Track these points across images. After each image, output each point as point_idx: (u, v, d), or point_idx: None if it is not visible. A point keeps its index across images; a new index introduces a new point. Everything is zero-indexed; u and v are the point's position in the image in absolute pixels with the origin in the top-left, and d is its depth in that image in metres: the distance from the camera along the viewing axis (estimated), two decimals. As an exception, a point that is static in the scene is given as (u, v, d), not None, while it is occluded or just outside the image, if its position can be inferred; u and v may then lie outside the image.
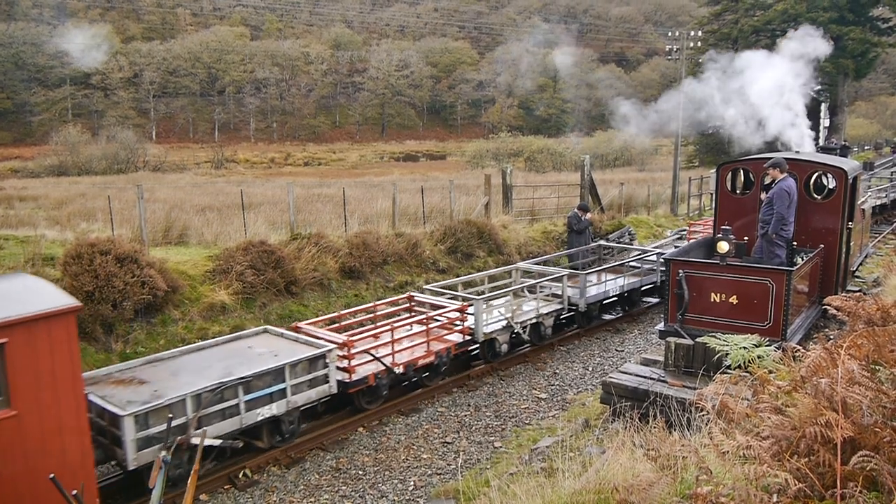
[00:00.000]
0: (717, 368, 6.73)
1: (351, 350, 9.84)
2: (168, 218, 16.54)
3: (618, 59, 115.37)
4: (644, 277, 15.36)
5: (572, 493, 4.28)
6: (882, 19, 47.50)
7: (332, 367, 9.36)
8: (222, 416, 8.17)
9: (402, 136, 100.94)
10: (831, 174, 11.25)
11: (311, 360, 9.13)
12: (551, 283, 13.62)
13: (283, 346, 9.73)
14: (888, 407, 3.24)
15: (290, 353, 9.26)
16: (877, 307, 5.08)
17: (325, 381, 9.33)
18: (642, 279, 15.27)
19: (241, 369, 8.67)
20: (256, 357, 9.29)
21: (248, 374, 8.40)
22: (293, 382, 8.89)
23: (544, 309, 13.12)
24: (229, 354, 9.43)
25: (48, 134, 69.46)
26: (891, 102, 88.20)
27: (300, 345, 9.77)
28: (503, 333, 12.19)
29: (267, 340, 10.04)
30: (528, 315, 12.77)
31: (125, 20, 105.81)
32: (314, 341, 9.80)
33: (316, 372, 9.19)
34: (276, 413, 8.77)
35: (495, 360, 12.21)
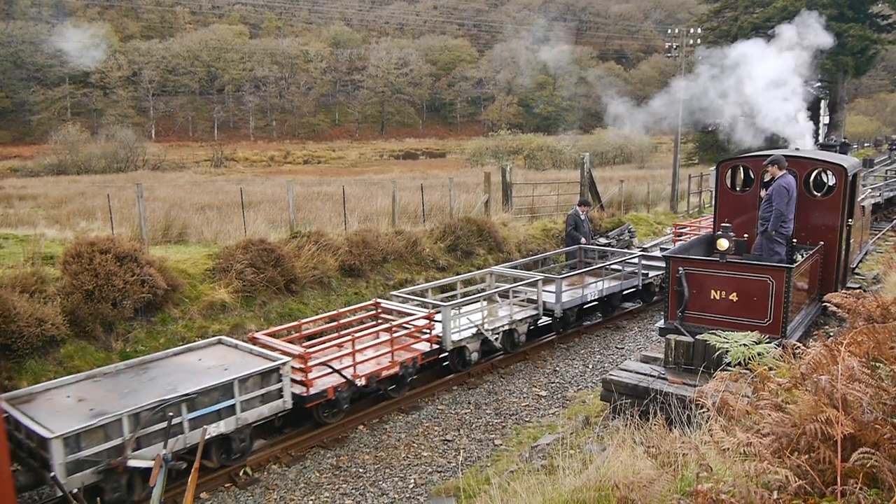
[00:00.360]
0: (718, 366, 6.74)
1: (308, 362, 9.33)
2: (168, 216, 16.54)
3: (617, 56, 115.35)
4: (625, 281, 14.80)
5: (573, 491, 4.29)
6: (882, 16, 47.45)
7: (287, 380, 8.86)
8: (164, 435, 7.59)
9: (401, 134, 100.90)
10: (831, 171, 11.25)
11: (263, 374, 8.61)
12: (526, 287, 13.11)
13: (235, 359, 9.22)
14: (888, 404, 3.24)
15: (242, 367, 8.77)
16: (877, 304, 5.08)
17: (279, 395, 8.80)
18: (622, 283, 14.72)
19: (186, 385, 8.16)
20: (205, 371, 8.77)
21: (192, 391, 7.86)
22: (243, 398, 8.37)
23: (518, 315, 12.61)
24: (177, 368, 8.92)
25: (47, 133, 69.43)
26: (890, 99, 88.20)
27: (254, 357, 9.26)
28: (473, 341, 11.67)
29: (220, 352, 9.54)
30: (501, 322, 12.28)
31: (124, 18, 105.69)
32: (269, 353, 9.27)
33: (269, 386, 8.68)
34: (225, 431, 8.25)
35: (466, 368, 11.69)
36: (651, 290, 15.61)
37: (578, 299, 13.54)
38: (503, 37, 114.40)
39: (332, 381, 9.53)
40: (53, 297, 10.09)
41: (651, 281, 15.46)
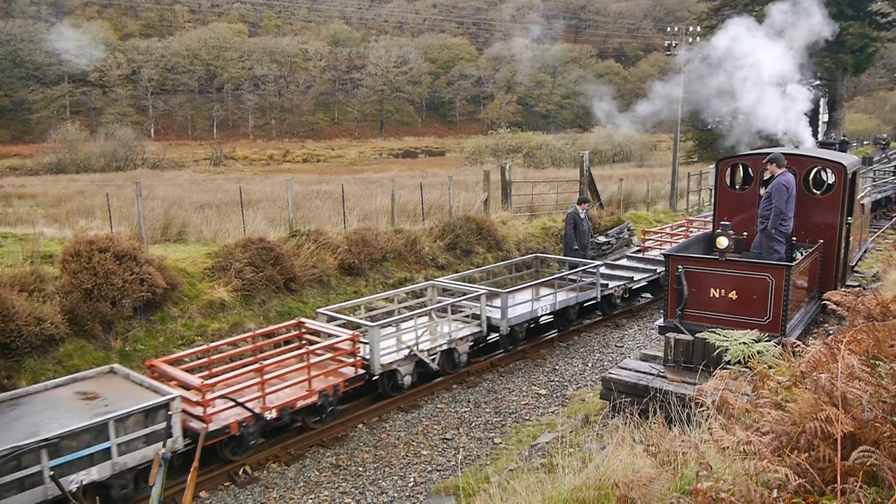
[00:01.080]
0: (717, 364, 6.74)
1: (206, 395, 8.36)
2: (167, 215, 16.53)
3: (616, 54, 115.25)
4: (581, 293, 13.82)
5: (572, 489, 4.28)
6: (881, 14, 47.42)
7: (177, 417, 7.86)
8: (20, 486, 6.56)
9: (400, 133, 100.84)
10: (830, 169, 11.24)
11: (147, 411, 7.59)
12: (470, 302, 12.13)
13: (122, 392, 8.23)
14: (888, 402, 3.23)
15: (129, 401, 7.81)
16: (876, 302, 5.08)
17: (169, 434, 7.78)
18: (578, 295, 13.75)
19: (53, 426, 7.11)
20: (81, 408, 7.73)
21: (54, 435, 6.78)
22: (121, 440, 7.33)
23: (459, 333, 11.63)
24: (50, 405, 7.87)
25: (46, 131, 69.36)
26: (890, 97, 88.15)
27: (145, 390, 8.26)
28: (406, 363, 10.68)
29: (108, 384, 8.53)
30: (438, 341, 11.30)
31: (123, 17, 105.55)
32: (160, 387, 8.25)
33: (156, 424, 7.67)
34: (98, 478, 7.18)
35: (398, 393, 10.65)
36: (612, 301, 14.82)
37: (527, 314, 12.54)
38: (502, 35, 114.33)
39: (238, 415, 8.62)
40: (52, 296, 10.09)
41: (612, 292, 14.66)
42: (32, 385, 8.52)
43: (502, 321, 12.00)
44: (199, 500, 8.17)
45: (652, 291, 16.27)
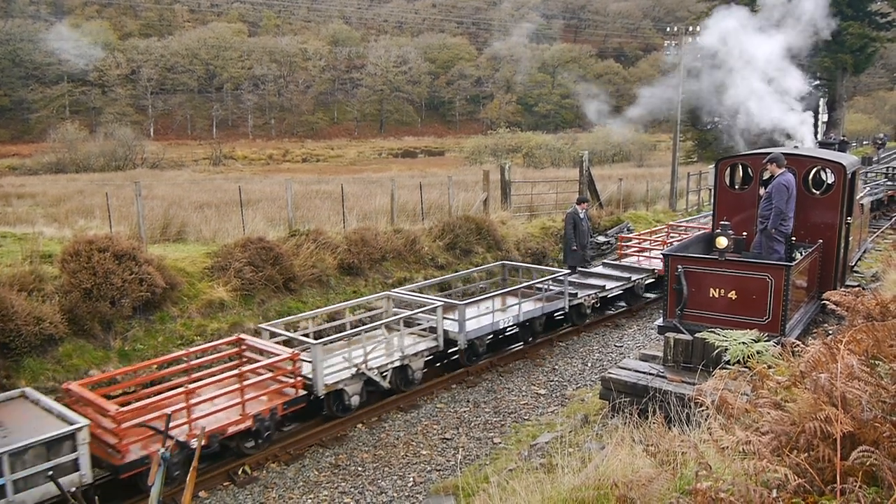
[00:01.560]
0: (717, 364, 6.73)
1: (122, 423, 7.50)
2: (166, 215, 16.52)
3: (616, 54, 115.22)
4: (548, 303, 13.07)
5: (572, 489, 4.28)
6: (880, 14, 47.42)
7: (85, 449, 7.12)
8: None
9: (400, 133, 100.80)
10: (830, 169, 11.24)
11: (50, 443, 6.85)
12: (427, 315, 11.38)
13: (28, 420, 7.52)
14: (888, 402, 3.23)
15: (31, 431, 7.09)
16: (876, 302, 5.08)
17: (76, 468, 7.02)
18: (545, 306, 13.01)
19: None
20: None
21: None
22: (17, 476, 6.66)
23: (412, 349, 10.88)
24: None
25: (46, 131, 69.31)
26: (889, 97, 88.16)
27: (54, 418, 7.51)
28: (354, 383, 9.92)
29: (14, 410, 7.82)
30: (389, 358, 10.58)
31: (122, 16, 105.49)
32: (69, 415, 7.50)
33: (60, 457, 6.91)
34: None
35: (346, 415, 9.96)
36: (582, 311, 14.16)
37: (487, 327, 11.80)
38: (502, 35, 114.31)
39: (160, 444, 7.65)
40: (52, 296, 10.08)
41: (581, 301, 13.95)
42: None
43: (460, 335, 11.26)
44: (198, 500, 8.16)
45: (627, 301, 15.73)
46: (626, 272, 15.73)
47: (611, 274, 15.64)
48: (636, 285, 15.51)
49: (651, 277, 15.84)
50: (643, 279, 15.71)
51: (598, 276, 15.55)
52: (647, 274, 15.76)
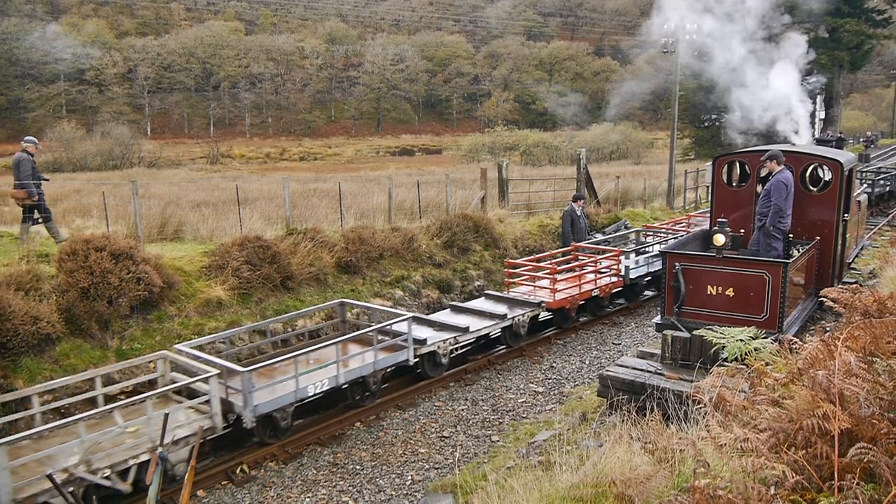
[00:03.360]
0: (714, 361, 6.73)
1: None
2: (163, 214, 16.49)
3: (613, 51, 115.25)
4: (382, 359, 10.30)
5: (570, 487, 4.28)
6: (877, 11, 47.48)
7: None
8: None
9: (397, 131, 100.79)
10: (827, 166, 11.25)
11: None
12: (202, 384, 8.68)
13: None
14: (885, 398, 3.23)
15: None
16: (873, 299, 5.08)
17: None
18: (378, 359, 10.22)
19: None
20: None
21: None
22: None
23: (181, 432, 8.15)
24: None
25: (42, 130, 69.16)
26: (886, 94, 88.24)
27: None
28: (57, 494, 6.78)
29: None
30: (133, 451, 7.68)
31: (119, 15, 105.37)
32: None
33: None
34: None
35: None
36: (437, 360, 11.27)
37: (289, 396, 9.09)
38: (499, 33, 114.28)
39: None
40: (49, 295, 10.06)
41: (434, 349, 11.15)
42: None
43: (246, 410, 8.55)
44: (196, 499, 8.16)
45: (508, 341, 12.91)
46: (508, 305, 13.18)
47: (486, 310, 12.84)
48: (515, 324, 12.67)
49: (538, 311, 13.31)
50: (524, 316, 12.88)
51: (473, 312, 12.89)
52: (532, 309, 13.07)
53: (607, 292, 14.72)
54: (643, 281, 15.80)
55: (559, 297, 13.51)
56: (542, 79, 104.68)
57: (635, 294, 15.80)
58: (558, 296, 13.51)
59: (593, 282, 14.44)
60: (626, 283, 15.05)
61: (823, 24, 45.01)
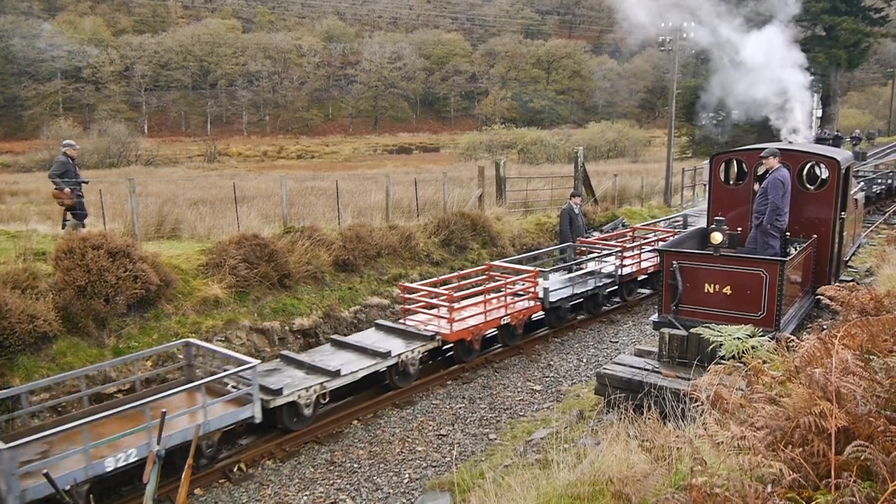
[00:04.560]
0: (712, 359, 6.74)
1: None
2: (160, 212, 16.47)
3: (611, 50, 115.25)
4: (223, 416, 8.51)
5: (567, 485, 4.29)
6: (874, 9, 47.51)
7: None
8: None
9: (395, 129, 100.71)
10: (824, 164, 11.26)
11: None
12: None
13: None
14: (882, 396, 3.24)
15: None
16: (870, 297, 5.09)
17: None
18: (207, 422, 8.25)
19: None
20: None
21: None
22: None
23: None
24: None
25: (39, 128, 69.14)
26: (883, 93, 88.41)
27: None
28: None
29: None
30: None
31: (116, 13, 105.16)
32: None
33: None
34: None
35: None
36: (300, 412, 9.45)
37: (77, 473, 7.03)
38: (496, 30, 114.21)
39: None
40: (45, 293, 10.04)
41: (295, 399, 9.34)
42: None
43: (10, 497, 6.62)
44: (193, 498, 8.15)
45: (394, 382, 10.87)
46: (402, 340, 11.40)
47: (368, 346, 10.88)
48: (402, 362, 10.80)
49: (433, 346, 11.41)
50: (415, 352, 10.99)
51: (354, 348, 11.04)
52: (423, 343, 11.24)
53: (521, 319, 12.67)
54: (567, 304, 13.74)
55: (458, 327, 11.52)
56: (539, 77, 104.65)
57: (558, 318, 13.78)
58: (457, 326, 11.52)
59: (504, 307, 12.47)
60: (545, 307, 13.15)
61: (820, 22, 45.04)
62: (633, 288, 15.92)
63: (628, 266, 15.42)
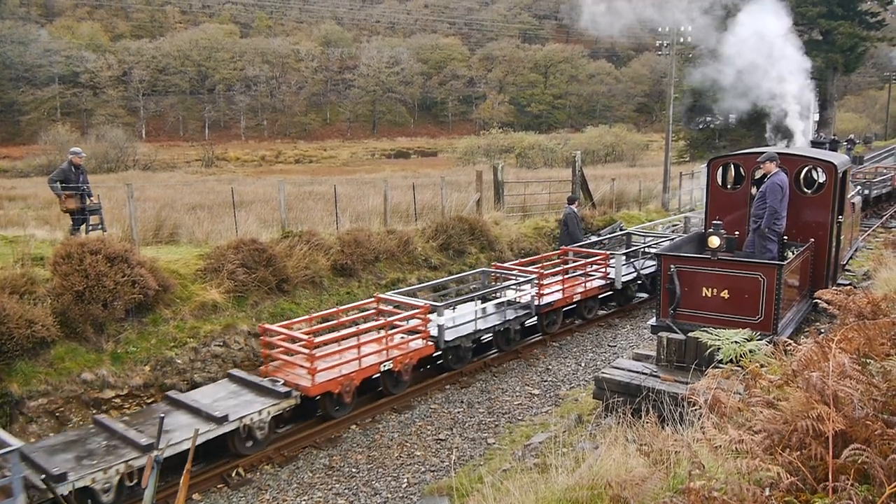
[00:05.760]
0: (709, 363, 6.75)
1: None
2: (158, 217, 16.46)
3: (608, 54, 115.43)
4: None
5: (565, 489, 4.29)
6: (870, 13, 47.66)
7: None
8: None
9: (393, 133, 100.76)
10: (821, 168, 11.29)
11: None
12: None
13: None
14: (879, 400, 3.25)
15: None
16: (867, 300, 5.10)
17: None
18: None
19: None
20: None
21: None
22: None
23: None
24: None
25: (37, 133, 69.11)
26: (880, 96, 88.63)
27: None
28: None
29: None
30: None
31: (113, 18, 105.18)
32: None
33: None
34: None
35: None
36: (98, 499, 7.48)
37: None
38: (494, 35, 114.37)
39: None
40: (43, 299, 10.03)
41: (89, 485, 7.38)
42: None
43: None
44: (192, 503, 8.14)
45: (236, 448, 8.94)
46: (255, 395, 9.53)
47: (203, 408, 8.91)
48: (243, 427, 8.86)
49: (288, 404, 9.40)
50: (264, 413, 9.05)
51: (190, 409, 9.04)
52: (275, 402, 9.23)
53: (407, 364, 10.73)
54: (468, 343, 11.86)
55: (322, 378, 9.66)
56: (537, 81, 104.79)
57: (458, 360, 11.85)
58: (321, 377, 9.66)
59: (384, 351, 10.59)
60: (439, 347, 11.32)
61: (817, 26, 45.18)
62: (557, 319, 13.76)
63: (550, 294, 13.39)
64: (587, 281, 14.44)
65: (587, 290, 14.22)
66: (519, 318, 12.77)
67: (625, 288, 15.15)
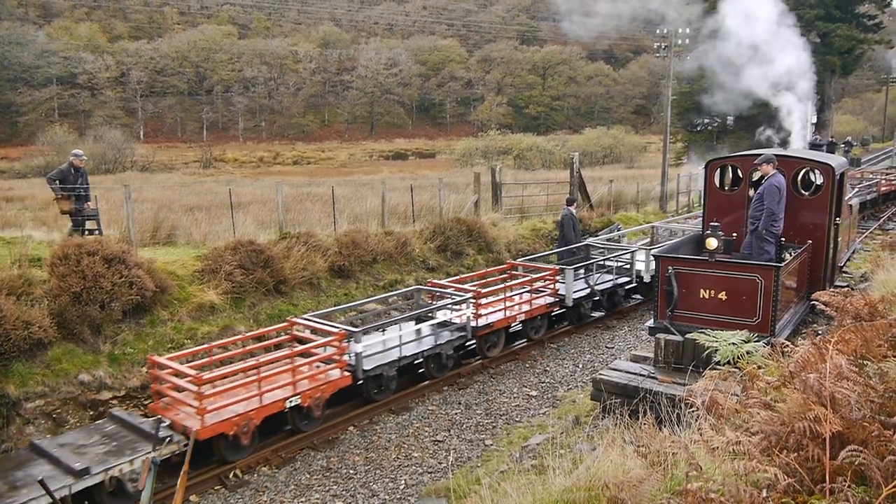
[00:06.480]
0: (707, 364, 6.75)
1: None
2: (156, 218, 16.44)
3: (606, 56, 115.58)
4: None
5: (563, 491, 4.28)
6: (868, 16, 47.78)
7: None
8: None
9: (391, 135, 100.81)
10: (819, 170, 11.31)
11: None
12: None
13: None
14: (876, 401, 3.25)
15: None
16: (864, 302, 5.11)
17: None
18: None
19: None
20: None
21: None
22: None
23: None
24: None
25: (35, 134, 69.08)
26: (877, 99, 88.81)
27: None
28: None
29: None
30: None
31: (112, 19, 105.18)
32: None
33: None
34: None
35: None
36: None
37: None
38: (492, 37, 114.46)
39: None
40: (41, 300, 10.01)
41: None
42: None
43: None
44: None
45: None
46: (134, 440, 8.15)
47: (63, 459, 7.51)
48: (110, 480, 7.53)
49: (169, 449, 8.06)
50: (129, 465, 7.65)
51: (52, 460, 7.66)
52: (150, 451, 7.74)
53: (318, 398, 9.46)
54: (391, 371, 10.51)
55: (213, 420, 8.39)
56: (535, 83, 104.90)
57: (380, 390, 10.54)
58: (212, 418, 8.39)
59: (290, 385, 9.29)
60: (356, 379, 10.04)
61: (815, 29, 45.27)
62: (498, 341, 12.53)
63: (489, 315, 12.18)
64: (533, 299, 13.09)
65: (533, 308, 12.87)
66: (452, 341, 11.48)
67: (577, 305, 13.90)
